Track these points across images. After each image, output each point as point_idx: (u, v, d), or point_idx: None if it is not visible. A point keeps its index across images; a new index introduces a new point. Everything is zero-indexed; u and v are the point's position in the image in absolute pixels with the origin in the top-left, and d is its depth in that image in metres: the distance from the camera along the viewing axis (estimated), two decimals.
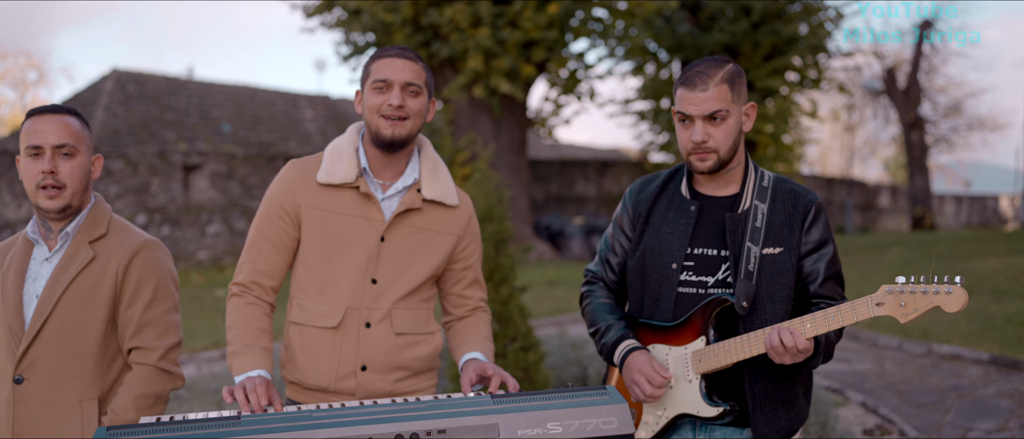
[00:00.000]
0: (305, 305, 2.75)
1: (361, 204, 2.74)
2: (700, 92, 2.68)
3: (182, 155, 16.15)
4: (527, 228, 18.01)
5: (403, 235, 2.76)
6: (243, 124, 22.13)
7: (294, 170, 2.78)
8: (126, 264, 2.72)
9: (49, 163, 2.64)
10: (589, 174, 23.54)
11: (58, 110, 2.71)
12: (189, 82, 22.96)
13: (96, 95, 20.54)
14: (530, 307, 11.33)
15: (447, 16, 15.19)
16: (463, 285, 2.91)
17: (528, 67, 15.93)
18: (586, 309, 2.99)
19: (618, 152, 34.23)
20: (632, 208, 2.92)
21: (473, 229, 2.90)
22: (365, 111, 2.73)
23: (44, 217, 2.74)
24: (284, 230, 2.75)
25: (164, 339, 2.75)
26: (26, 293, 2.71)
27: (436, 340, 2.85)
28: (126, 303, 2.72)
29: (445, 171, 2.88)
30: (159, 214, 15.42)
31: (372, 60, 2.75)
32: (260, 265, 2.75)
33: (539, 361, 5.89)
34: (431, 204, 2.80)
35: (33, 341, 2.66)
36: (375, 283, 2.72)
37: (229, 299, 2.76)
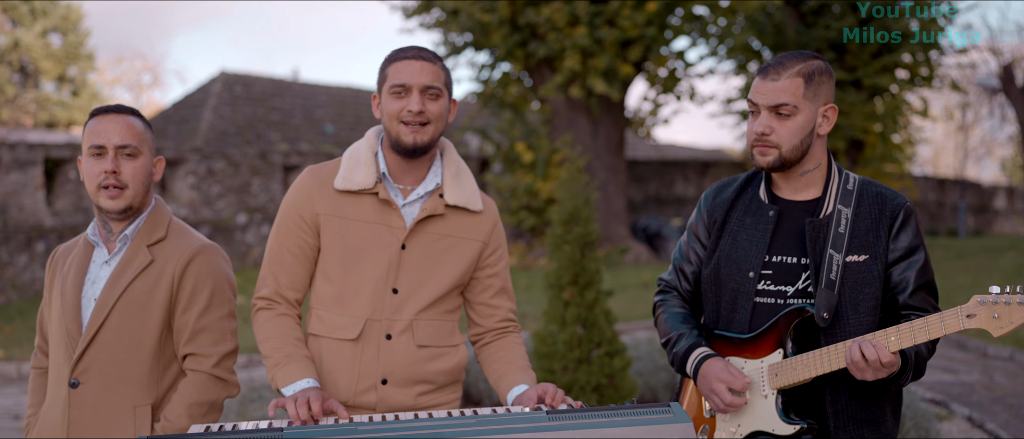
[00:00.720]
0: (324, 316, 2.66)
1: (381, 211, 2.64)
2: (771, 81, 2.54)
3: (282, 155, 16.43)
4: (624, 229, 17.80)
5: (425, 242, 2.65)
6: (345, 125, 22.44)
7: (311, 177, 2.69)
8: (182, 268, 2.67)
9: (111, 163, 2.61)
10: (689, 175, 23.17)
11: (122, 110, 2.69)
12: (294, 83, 23.40)
13: (204, 96, 21.09)
14: (624, 311, 11.20)
15: (544, 15, 15.10)
16: (490, 294, 2.77)
17: (626, 66, 15.73)
18: (659, 319, 2.85)
19: (720, 152, 33.64)
20: (707, 214, 2.77)
21: (499, 235, 2.78)
22: (384, 117, 2.62)
23: (105, 218, 2.71)
24: (304, 240, 2.66)
25: (219, 346, 2.70)
26: (85, 296, 2.69)
27: (460, 353, 2.73)
28: (181, 308, 2.68)
29: (468, 175, 2.76)
30: (259, 213, 15.73)
31: (388, 62, 2.64)
32: (283, 278, 2.66)
33: (625, 367, 5.75)
34: (454, 210, 2.69)
35: (89, 345, 2.63)
36: (396, 293, 2.62)
37: (255, 314, 2.68)
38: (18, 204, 12.62)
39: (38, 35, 33.35)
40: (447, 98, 2.65)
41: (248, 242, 15.51)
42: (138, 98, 42.40)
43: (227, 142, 18.81)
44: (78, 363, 2.63)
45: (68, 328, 2.65)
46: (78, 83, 35.43)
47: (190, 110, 20.96)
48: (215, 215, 15.16)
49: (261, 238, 15.65)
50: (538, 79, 16.92)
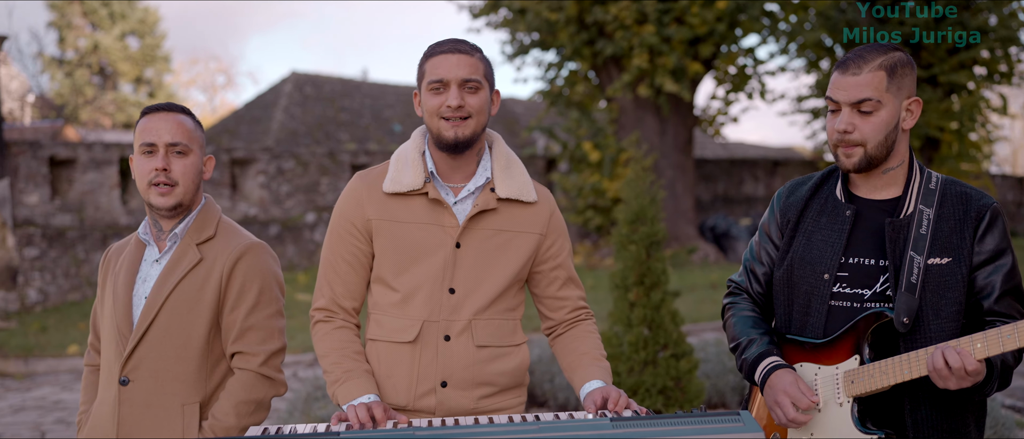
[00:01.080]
0: (381, 320, 2.61)
1: (432, 211, 2.58)
2: (851, 76, 2.40)
3: (350, 154, 16.55)
4: (692, 229, 17.58)
5: (480, 239, 2.58)
6: (413, 124, 22.56)
7: (360, 182, 2.64)
8: (231, 267, 2.68)
9: (162, 160, 2.63)
10: (758, 173, 22.81)
11: (173, 109, 2.71)
12: (363, 83, 23.59)
13: (276, 97, 21.36)
14: (691, 312, 11.03)
15: (612, 13, 14.97)
16: (557, 286, 2.70)
17: (695, 64, 15.53)
18: (727, 322, 2.74)
19: (790, 151, 33.09)
20: (780, 213, 2.65)
21: (557, 224, 2.69)
22: (425, 114, 2.56)
23: (155, 216, 2.73)
24: (357, 247, 2.61)
25: (267, 344, 2.69)
26: (136, 294, 2.71)
27: (523, 353, 2.66)
28: (229, 306, 2.68)
29: (519, 166, 2.68)
30: (327, 212, 15.87)
31: (426, 58, 2.58)
32: (338, 287, 2.62)
33: (692, 370, 5.64)
34: (507, 203, 2.61)
35: (139, 343, 2.65)
36: (453, 293, 2.56)
37: (314, 326, 2.65)
38: (95, 203, 12.90)
39: (117, 38, 34.16)
40: (488, 90, 2.58)
41: (316, 241, 15.65)
42: (212, 99, 43.17)
43: (297, 142, 19.02)
44: (128, 361, 2.66)
45: (119, 326, 2.68)
46: (154, 84, 36.20)
47: (262, 110, 21.25)
48: (284, 214, 15.32)
49: None
50: (605, 78, 16.79)
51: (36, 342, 10.40)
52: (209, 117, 39.34)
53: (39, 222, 12.23)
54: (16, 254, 11.78)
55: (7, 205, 11.63)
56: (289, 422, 6.00)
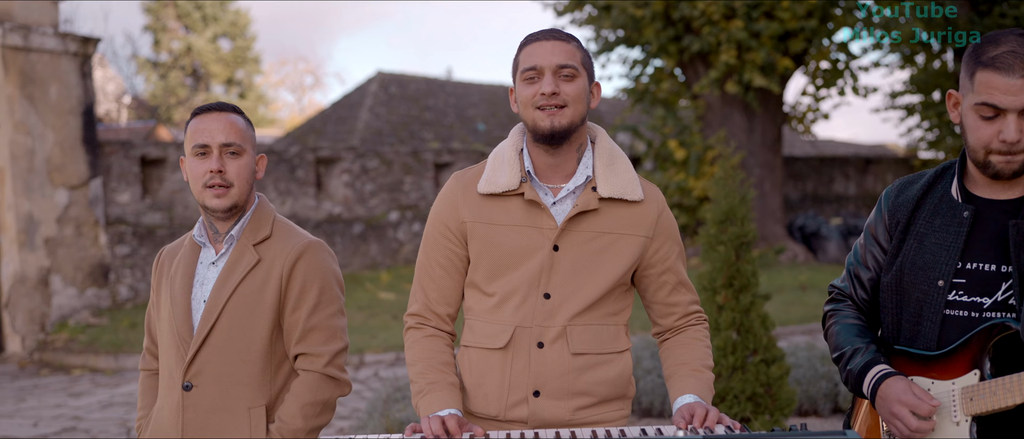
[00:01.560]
0: (474, 326, 2.50)
1: (529, 212, 2.44)
2: (1018, 78, 2.11)
3: (434, 153, 16.55)
4: (780, 229, 17.14)
5: (579, 241, 2.43)
6: (497, 123, 22.50)
7: (456, 183, 2.53)
8: (290, 267, 2.63)
9: (216, 162, 2.58)
10: (849, 172, 22.17)
11: (224, 108, 2.66)
12: (447, 83, 23.63)
13: (361, 97, 21.52)
14: (779, 314, 10.70)
15: (699, 9, 14.66)
16: (666, 291, 2.53)
17: (785, 60, 15.11)
18: (830, 331, 2.53)
19: (882, 148, 32.17)
20: (889, 214, 2.44)
21: (665, 225, 2.51)
22: (520, 107, 2.43)
23: (211, 218, 2.68)
24: (452, 250, 2.51)
25: (330, 344, 2.64)
26: (194, 298, 2.67)
27: (625, 361, 2.49)
28: (291, 307, 2.63)
29: (625, 162, 2.50)
30: (410, 211, 15.88)
31: (520, 48, 2.45)
32: (432, 292, 2.53)
33: (783, 376, 5.40)
34: (610, 202, 2.45)
35: (201, 347, 2.61)
36: (548, 298, 2.41)
37: (406, 333, 2.56)
38: (183, 201, 13.11)
39: (209, 40, 34.95)
40: (586, 79, 2.42)
41: (400, 239, 15.68)
42: (300, 99, 43.84)
43: (382, 141, 19.11)
44: (190, 366, 2.62)
45: (179, 331, 2.64)
46: (245, 85, 36.93)
47: (348, 110, 21.43)
48: (368, 212, 15.38)
49: (413, 235, 15.80)
50: (691, 74, 16.47)
51: (126, 338, 10.58)
52: (297, 117, 39.95)
53: (130, 220, 12.47)
54: (108, 252, 12.02)
55: (100, 204, 11.88)
56: (368, 424, 5.93)
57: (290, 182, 14.44)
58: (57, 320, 11.38)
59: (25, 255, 11.11)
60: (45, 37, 11.21)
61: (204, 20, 35.35)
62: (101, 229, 11.90)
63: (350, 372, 9.02)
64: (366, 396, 7.90)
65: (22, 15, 11.10)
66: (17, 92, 10.96)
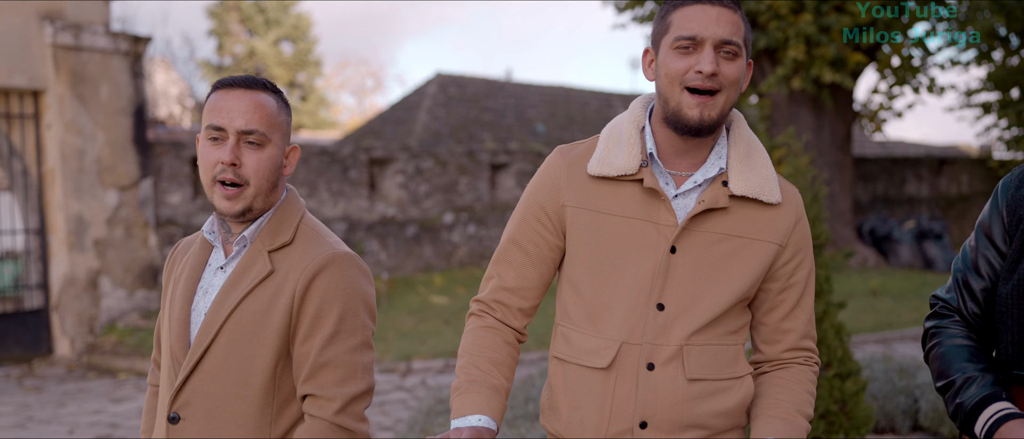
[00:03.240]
0: (570, 336, 2.08)
1: (645, 203, 2.04)
2: None
3: (490, 154, 16.21)
4: (849, 231, 16.47)
5: (702, 244, 2.03)
6: (557, 124, 22.13)
7: (561, 159, 2.12)
8: (306, 284, 2.08)
9: (231, 152, 2.06)
10: (921, 173, 21.34)
11: (251, 84, 2.11)
12: (507, 84, 23.34)
13: (420, 98, 21.30)
14: (851, 322, 10.13)
15: (766, 3, 14.09)
16: (780, 314, 2.11)
17: (856, 55, 14.46)
18: (934, 353, 2.09)
19: (955, 149, 31.10)
20: (1008, 210, 1.98)
21: (801, 235, 2.11)
22: (660, 78, 2.00)
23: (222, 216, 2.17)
24: (543, 237, 2.10)
25: (346, 386, 2.08)
26: (194, 309, 2.16)
27: (746, 388, 2.07)
28: (302, 335, 2.08)
29: (763, 156, 2.08)
30: (465, 212, 15.56)
31: (674, 7, 1.99)
32: (509, 279, 2.13)
33: (859, 392, 4.92)
34: (742, 202, 2.05)
35: (192, 372, 2.10)
36: (662, 309, 2.01)
37: (468, 318, 2.15)
38: None
39: (271, 43, 35.20)
40: (745, 58, 2.00)
41: (454, 241, 15.36)
42: (361, 102, 43.90)
43: (440, 142, 18.86)
44: (179, 393, 2.11)
45: (173, 348, 2.14)
46: (306, 88, 37.09)
47: (406, 112, 21.22)
48: (422, 214, 15.09)
49: (467, 238, 15.47)
50: (757, 72, 15.90)
51: None
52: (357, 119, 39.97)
53: (181, 222, 12.31)
54: (158, 253, 11.88)
55: (150, 205, 11.74)
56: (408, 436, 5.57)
57: (343, 183, 14.19)
58: (106, 322, 11.25)
59: (74, 257, 10.99)
60: (96, 36, 11.09)
61: (267, 23, 35.63)
62: (151, 230, 11.75)
63: (396, 380, 8.68)
64: (411, 405, 7.56)
65: (73, 14, 10.99)
66: (68, 92, 10.85)
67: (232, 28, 35.68)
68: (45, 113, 10.85)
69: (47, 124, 10.84)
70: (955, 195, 21.77)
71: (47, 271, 11.03)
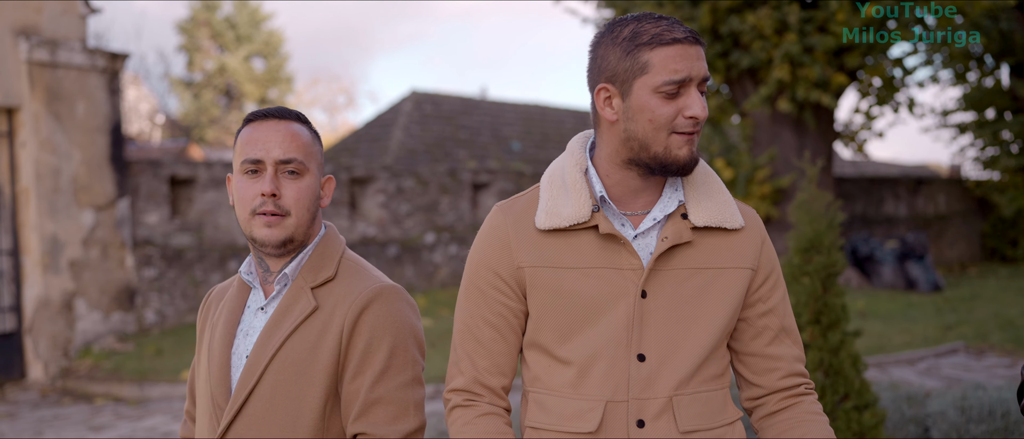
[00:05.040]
0: (546, 402, 1.93)
1: (604, 250, 1.90)
2: None
3: (471, 173, 16.05)
4: None
5: (673, 283, 1.90)
6: (532, 142, 22.04)
7: (503, 218, 1.97)
8: (354, 319, 2.01)
9: (270, 183, 2.01)
10: (900, 192, 21.41)
11: (285, 115, 2.09)
12: (482, 102, 23.26)
13: (395, 116, 21.13)
14: None
15: (750, 23, 14.05)
16: (766, 340, 1.98)
17: (839, 75, 14.46)
18: None
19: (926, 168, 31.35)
20: None
21: (769, 255, 2.00)
22: (637, 122, 1.86)
23: (260, 252, 2.11)
24: (504, 305, 1.94)
25: (399, 423, 2.00)
26: (235, 352, 2.09)
27: (738, 431, 1.95)
28: (352, 372, 2.01)
29: (718, 183, 1.99)
30: (447, 232, 15.37)
31: (649, 46, 1.84)
32: (482, 360, 1.95)
33: (878, 424, 4.79)
34: (706, 232, 1.94)
35: (236, 416, 2.02)
36: (643, 360, 1.87)
37: (450, 413, 1.97)
38: (214, 222, 12.67)
39: (242, 59, 34.90)
40: None
41: (436, 262, 15.16)
42: (332, 118, 43.61)
43: (416, 160, 18.68)
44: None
45: (214, 394, 2.04)
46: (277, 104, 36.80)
47: (381, 129, 21.04)
48: (403, 234, 14.88)
49: (449, 258, 15.28)
50: (739, 92, 15.86)
51: (151, 366, 10.11)
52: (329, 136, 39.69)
53: (158, 242, 12.03)
54: (135, 275, 11.59)
55: (127, 225, 11.46)
56: None
57: None
58: (81, 346, 10.94)
59: (49, 278, 10.68)
60: (73, 53, 10.82)
61: (238, 39, 35.34)
62: (128, 251, 11.47)
63: None
64: None
65: (49, 30, 10.73)
66: (43, 109, 10.56)
67: (203, 44, 35.37)
68: (19, 131, 10.56)
69: (21, 142, 10.55)
70: (932, 215, 21.87)
71: (20, 293, 10.71)
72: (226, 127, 34.08)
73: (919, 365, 9.59)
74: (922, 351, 10.06)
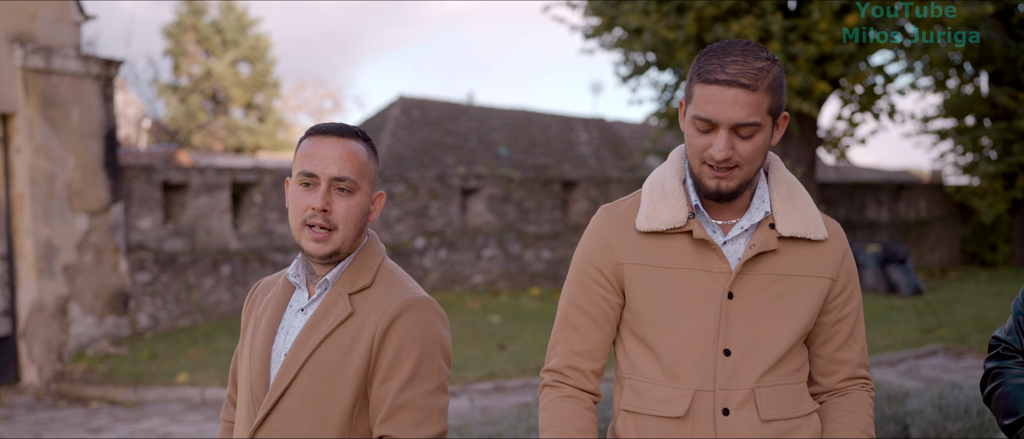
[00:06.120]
0: (639, 388, 2.13)
1: (697, 253, 2.11)
2: None
3: (461, 178, 16.22)
4: None
5: (758, 287, 2.09)
6: (519, 148, 22.20)
7: (608, 218, 2.19)
8: (385, 327, 2.14)
9: (322, 199, 2.13)
10: (881, 198, 21.71)
11: (344, 133, 2.19)
12: (469, 107, 23.39)
13: (383, 121, 21.26)
14: None
15: (734, 31, 14.29)
16: (835, 345, 2.17)
17: (822, 83, 14.72)
18: (1000, 392, 2.18)
19: (907, 173, 31.70)
20: None
21: (849, 267, 2.18)
22: (687, 144, 2.09)
23: (308, 259, 2.25)
24: (602, 296, 2.15)
25: (422, 428, 2.13)
26: (275, 349, 2.22)
27: (814, 424, 2.13)
28: (381, 377, 2.13)
29: (804, 196, 2.15)
30: (437, 237, 15.53)
31: (699, 77, 2.03)
32: (577, 344, 2.17)
33: None
34: (791, 241, 2.11)
35: (272, 410, 2.16)
36: (728, 355, 2.06)
37: (541, 390, 2.20)
38: (206, 227, 12.80)
39: (229, 64, 34.90)
40: (769, 128, 2.04)
41: (425, 266, 15.32)
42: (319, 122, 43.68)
43: (404, 165, 18.83)
44: (258, 430, 2.17)
45: (253, 386, 2.20)
46: (264, 110, 36.79)
47: (370, 134, 21.18)
48: (394, 239, 15.05)
49: (438, 262, 15.44)
50: None
51: (146, 370, 10.24)
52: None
53: (151, 247, 12.15)
54: (128, 279, 11.71)
55: (120, 230, 11.58)
56: None
57: None
58: (75, 350, 11.05)
59: (43, 282, 10.80)
60: (67, 59, 10.94)
61: (224, 44, 35.33)
62: (122, 256, 11.59)
63: None
64: None
65: (44, 37, 10.85)
66: (38, 115, 10.68)
67: (189, 49, 35.35)
68: (14, 137, 10.67)
69: (16, 148, 10.66)
70: (914, 220, 22.17)
71: (15, 297, 10.82)
72: (212, 132, 34.12)
73: (900, 366, 9.82)
74: (903, 353, 10.30)
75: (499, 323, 12.93)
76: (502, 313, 13.80)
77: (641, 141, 23.60)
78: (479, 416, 6.34)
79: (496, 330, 12.33)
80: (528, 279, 16.64)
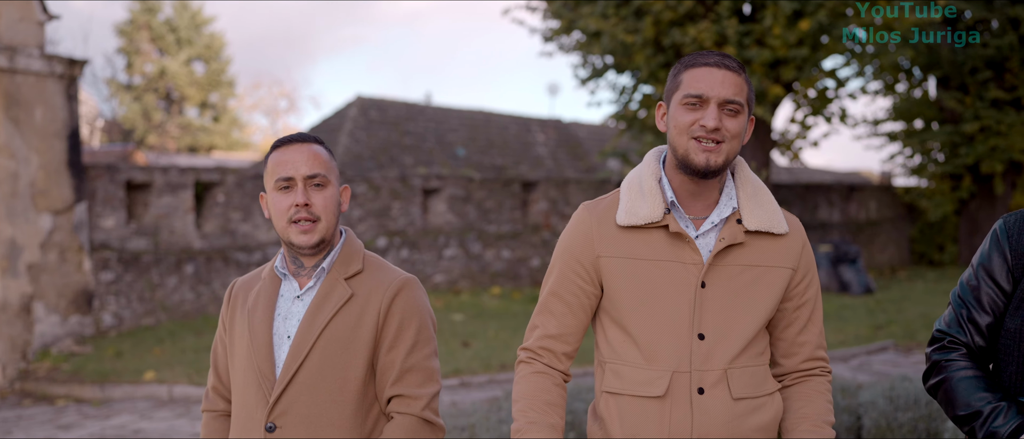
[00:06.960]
0: (621, 371, 2.34)
1: (672, 246, 2.32)
2: None
3: (422, 179, 16.37)
4: None
5: (727, 276, 2.31)
6: (477, 148, 22.36)
7: (589, 215, 2.40)
8: (388, 303, 2.50)
9: (302, 195, 2.46)
10: (833, 199, 22.21)
11: (306, 139, 2.55)
12: (427, 108, 23.49)
13: (341, 121, 21.31)
14: None
15: (691, 36, 14.60)
16: (796, 329, 2.40)
17: (776, 87, 15.08)
18: (947, 385, 2.33)
19: (858, 175, 32.35)
20: (1013, 254, 2.26)
21: (808, 258, 2.41)
22: (671, 130, 2.30)
23: (296, 253, 2.55)
24: (581, 287, 2.38)
25: (427, 387, 2.51)
26: (276, 333, 2.52)
27: (776, 404, 2.36)
28: (387, 346, 2.49)
29: (767, 194, 2.39)
30: (399, 237, 15.67)
31: (684, 67, 2.31)
32: (553, 328, 2.40)
33: None
34: (756, 235, 2.34)
35: (287, 386, 2.45)
36: (702, 339, 2.28)
37: (517, 366, 2.44)
38: (169, 227, 12.83)
39: (183, 63, 34.61)
40: (746, 114, 2.30)
41: None
42: (274, 123, 43.47)
43: (363, 166, 18.92)
44: (276, 405, 2.45)
45: (260, 367, 2.47)
46: (219, 109, 36.55)
47: (328, 134, 21.21)
48: None
49: (400, 262, 15.57)
50: None
51: (111, 368, 10.28)
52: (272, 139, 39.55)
53: (115, 246, 12.17)
54: (92, 278, 11.72)
55: (84, 229, 11.59)
56: None
57: None
58: (39, 348, 11.05)
59: (7, 281, 10.78)
60: (31, 59, 10.94)
61: (178, 43, 35.05)
62: (85, 255, 11.60)
63: None
64: None
65: (7, 36, 10.83)
66: (1, 114, 10.67)
67: (143, 47, 35.00)
68: None
69: None
70: (864, 220, 22.70)
71: None
72: (166, 131, 33.82)
73: (852, 362, 10.16)
74: (855, 349, 10.65)
75: (462, 321, 13.11)
76: (464, 312, 13.98)
77: (598, 142, 23.91)
78: (451, 409, 6.52)
79: (459, 328, 12.51)
80: (489, 278, 16.83)
